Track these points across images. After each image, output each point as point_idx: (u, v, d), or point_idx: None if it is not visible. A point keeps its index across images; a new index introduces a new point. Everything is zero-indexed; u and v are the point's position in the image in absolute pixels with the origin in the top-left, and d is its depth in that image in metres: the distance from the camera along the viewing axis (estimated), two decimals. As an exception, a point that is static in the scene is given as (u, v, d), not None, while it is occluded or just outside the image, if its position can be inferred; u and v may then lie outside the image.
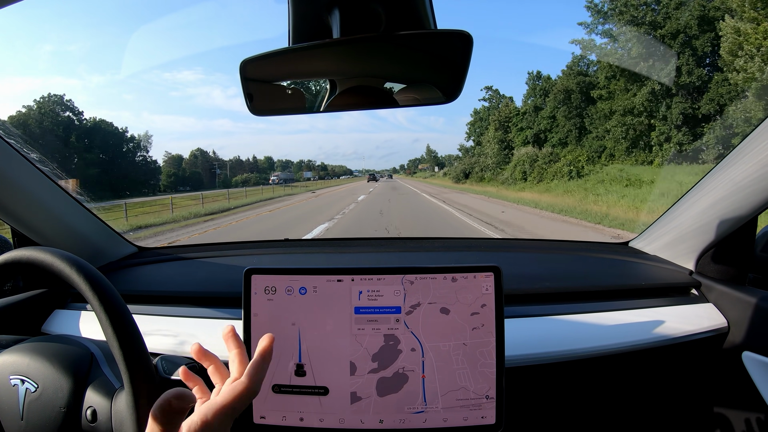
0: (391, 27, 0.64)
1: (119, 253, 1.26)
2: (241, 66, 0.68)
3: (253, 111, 0.74)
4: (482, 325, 0.71)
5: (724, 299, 0.95)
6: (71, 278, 0.57)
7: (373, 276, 0.72)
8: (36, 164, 0.96)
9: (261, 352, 0.55)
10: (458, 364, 0.71)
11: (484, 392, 0.71)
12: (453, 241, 1.63)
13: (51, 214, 1.03)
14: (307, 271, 0.72)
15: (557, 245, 1.49)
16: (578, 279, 1.08)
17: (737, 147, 0.86)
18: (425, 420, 0.70)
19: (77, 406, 0.58)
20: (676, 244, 1.09)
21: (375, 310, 0.71)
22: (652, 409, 1.01)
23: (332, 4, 0.62)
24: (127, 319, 0.56)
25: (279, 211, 13.38)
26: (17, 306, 0.97)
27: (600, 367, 0.92)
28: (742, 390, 0.88)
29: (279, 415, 0.71)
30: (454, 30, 0.61)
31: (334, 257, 1.34)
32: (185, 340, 0.89)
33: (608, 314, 0.93)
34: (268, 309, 0.71)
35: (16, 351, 0.62)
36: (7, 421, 0.59)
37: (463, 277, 0.72)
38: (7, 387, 0.60)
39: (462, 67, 0.65)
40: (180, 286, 1.11)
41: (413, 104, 0.76)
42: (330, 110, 0.77)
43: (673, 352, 0.94)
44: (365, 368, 0.71)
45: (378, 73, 0.75)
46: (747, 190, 0.85)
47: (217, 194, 21.85)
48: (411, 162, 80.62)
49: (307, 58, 0.70)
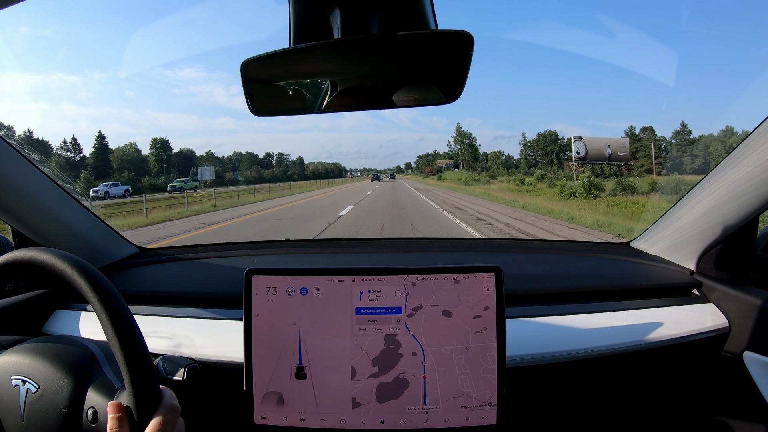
0: (391, 27, 0.64)
1: (120, 253, 1.26)
2: (242, 66, 0.68)
3: (255, 111, 0.74)
4: (485, 329, 0.71)
5: (725, 299, 0.95)
6: (72, 279, 0.57)
7: (374, 276, 0.72)
8: (36, 165, 0.96)
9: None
10: (460, 369, 0.70)
11: (487, 399, 0.70)
12: (453, 242, 1.62)
13: (52, 215, 1.03)
14: (308, 272, 0.72)
15: (558, 245, 1.49)
16: (579, 279, 1.08)
17: (737, 147, 0.86)
18: (426, 420, 0.70)
19: (78, 407, 0.58)
20: (677, 244, 1.09)
21: (376, 311, 0.71)
22: (653, 410, 1.01)
23: (333, 4, 0.62)
24: (128, 320, 0.56)
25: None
26: (18, 306, 0.97)
27: (601, 367, 0.92)
28: (743, 390, 0.88)
29: (280, 415, 0.71)
30: (454, 30, 0.61)
31: (334, 257, 1.34)
32: (186, 341, 0.89)
33: (609, 314, 0.93)
34: (269, 309, 0.71)
35: (17, 351, 0.62)
36: (8, 422, 0.59)
37: (464, 278, 0.71)
38: (8, 387, 0.60)
39: (463, 68, 0.65)
40: (181, 286, 1.11)
41: (414, 105, 0.76)
42: (331, 110, 0.77)
43: (675, 352, 0.94)
44: (365, 373, 0.70)
45: (379, 74, 0.75)
46: (748, 190, 0.85)
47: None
48: (422, 158, 58.59)
49: (308, 59, 0.70)
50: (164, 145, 48.22)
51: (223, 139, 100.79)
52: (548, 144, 45.74)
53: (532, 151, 46.80)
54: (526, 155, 47.35)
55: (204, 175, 27.23)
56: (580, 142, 35.52)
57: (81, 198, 1.11)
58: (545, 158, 45.65)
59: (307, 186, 36.77)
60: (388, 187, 30.26)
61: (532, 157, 46.87)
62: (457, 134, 46.01)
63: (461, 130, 45.25)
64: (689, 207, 1.01)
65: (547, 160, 45.20)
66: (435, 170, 48.46)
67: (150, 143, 47.49)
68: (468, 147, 46.17)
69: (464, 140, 45.58)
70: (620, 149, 35.45)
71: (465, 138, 45.52)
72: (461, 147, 47.01)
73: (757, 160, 0.81)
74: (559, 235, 8.27)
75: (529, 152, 47.01)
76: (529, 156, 47.10)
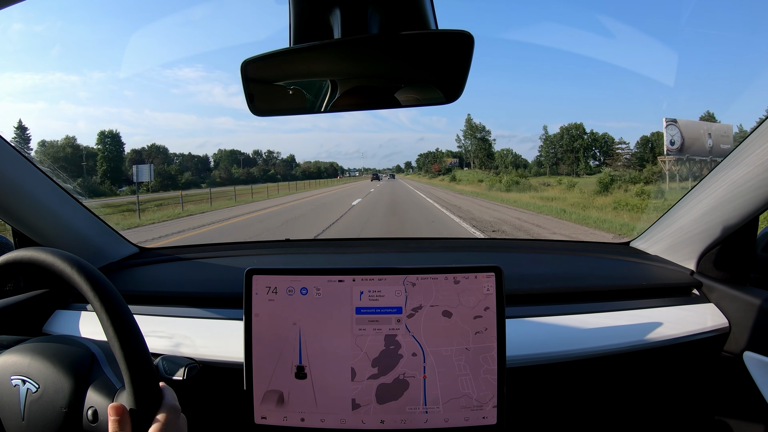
0: (391, 27, 0.64)
1: (120, 253, 1.26)
2: (242, 66, 0.68)
3: (255, 111, 0.74)
4: (485, 329, 0.71)
5: (725, 299, 0.95)
6: (72, 278, 0.57)
7: (374, 276, 0.72)
8: (36, 164, 0.96)
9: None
10: (461, 370, 0.70)
11: (487, 400, 0.70)
12: (453, 242, 1.62)
13: (52, 215, 1.03)
14: (308, 272, 0.72)
15: (558, 245, 1.49)
16: (579, 279, 1.08)
17: (738, 147, 0.86)
18: (426, 420, 0.70)
19: (78, 407, 0.58)
20: (677, 244, 1.09)
21: (376, 311, 0.71)
22: (653, 410, 1.01)
23: (333, 4, 0.62)
24: (128, 320, 0.56)
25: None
26: (18, 306, 0.97)
27: (601, 367, 0.92)
28: (743, 390, 0.88)
29: (280, 415, 0.71)
30: (455, 30, 0.61)
31: (334, 257, 1.34)
32: (186, 341, 0.89)
33: (609, 314, 0.93)
34: (269, 309, 0.71)
35: (17, 351, 0.62)
36: (8, 422, 0.59)
37: (464, 278, 0.71)
38: (8, 387, 0.60)
39: (463, 68, 0.65)
40: (181, 286, 1.11)
41: (414, 105, 0.76)
42: (330, 110, 0.77)
43: (675, 352, 0.94)
44: (365, 374, 0.70)
45: (379, 74, 0.75)
46: (748, 190, 0.85)
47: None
48: (423, 157, 50.71)
49: (308, 59, 0.70)
50: (114, 140, 38.20)
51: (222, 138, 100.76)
52: (574, 139, 38.06)
53: (554, 147, 39.13)
54: (547, 152, 39.34)
55: (141, 176, 22.21)
56: (674, 126, 21.98)
57: (81, 198, 1.11)
58: (569, 155, 38.45)
59: (287, 189, 29.01)
60: (386, 189, 24.33)
61: (553, 154, 39.37)
62: (468, 127, 38.25)
63: (472, 123, 37.16)
64: (689, 207, 1.01)
65: (572, 157, 38.12)
66: (444, 169, 40.51)
67: (97, 137, 37.78)
68: (481, 142, 37.91)
69: (476, 134, 37.52)
70: (722, 139, 22.68)
71: (477, 131, 37.62)
72: (472, 142, 39.23)
73: (757, 160, 0.81)
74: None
75: (550, 149, 39.32)
76: (550, 153, 39.48)
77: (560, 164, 38.81)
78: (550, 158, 39.41)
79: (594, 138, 37.55)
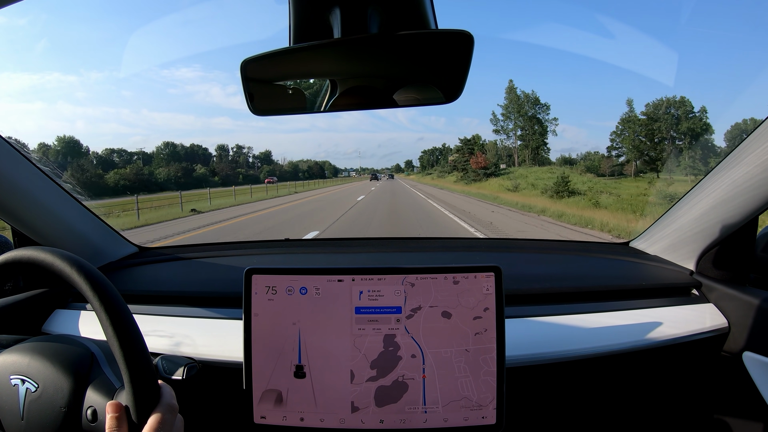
0: (391, 27, 0.64)
1: (119, 252, 1.26)
2: (241, 66, 0.68)
3: (254, 111, 0.74)
4: (485, 330, 0.71)
5: (724, 300, 0.95)
6: (72, 278, 0.57)
7: (373, 276, 0.72)
8: (36, 164, 0.96)
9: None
10: (460, 372, 0.70)
11: (488, 402, 0.70)
12: (453, 242, 1.62)
13: (51, 214, 1.03)
14: (307, 271, 0.72)
15: (557, 245, 1.49)
16: (578, 279, 1.08)
17: (738, 147, 0.86)
18: (425, 420, 0.70)
19: (78, 406, 0.58)
20: (677, 244, 1.09)
21: (375, 310, 0.71)
22: (652, 410, 1.01)
23: (333, 3, 0.62)
24: (128, 319, 0.56)
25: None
26: (18, 306, 0.97)
27: (600, 367, 0.92)
28: (743, 390, 0.88)
29: (279, 415, 0.71)
30: (454, 30, 0.61)
31: (334, 257, 1.34)
32: (186, 340, 0.89)
33: (609, 314, 0.93)
34: (268, 309, 0.71)
35: (16, 351, 0.62)
36: (8, 421, 0.59)
37: (464, 278, 0.71)
38: (7, 387, 0.60)
39: (463, 68, 0.65)
40: (180, 286, 1.11)
41: (414, 104, 0.76)
42: (330, 110, 0.77)
43: (674, 352, 0.94)
44: (364, 376, 0.70)
45: (378, 73, 0.75)
46: (747, 190, 0.85)
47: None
48: (427, 154, 45.88)
49: (308, 58, 0.70)
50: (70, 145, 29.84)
51: (221, 138, 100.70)
52: (677, 121, 24.60)
53: (629, 131, 26.89)
54: (632, 140, 26.22)
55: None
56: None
57: (80, 197, 1.11)
58: (656, 146, 24.87)
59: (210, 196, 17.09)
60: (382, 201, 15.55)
61: (618, 144, 27.41)
62: (510, 98, 22.81)
63: (515, 90, 22.31)
64: (689, 207, 1.01)
65: (672, 147, 24.75)
66: (491, 165, 26.66)
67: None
68: (534, 121, 24.07)
69: (525, 110, 23.11)
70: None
71: (529, 105, 23.06)
72: (518, 119, 24.44)
73: (756, 159, 0.81)
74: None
75: (625, 133, 26.80)
76: (616, 144, 27.51)
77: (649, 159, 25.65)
78: (633, 152, 26.38)
79: (705, 123, 24.10)
